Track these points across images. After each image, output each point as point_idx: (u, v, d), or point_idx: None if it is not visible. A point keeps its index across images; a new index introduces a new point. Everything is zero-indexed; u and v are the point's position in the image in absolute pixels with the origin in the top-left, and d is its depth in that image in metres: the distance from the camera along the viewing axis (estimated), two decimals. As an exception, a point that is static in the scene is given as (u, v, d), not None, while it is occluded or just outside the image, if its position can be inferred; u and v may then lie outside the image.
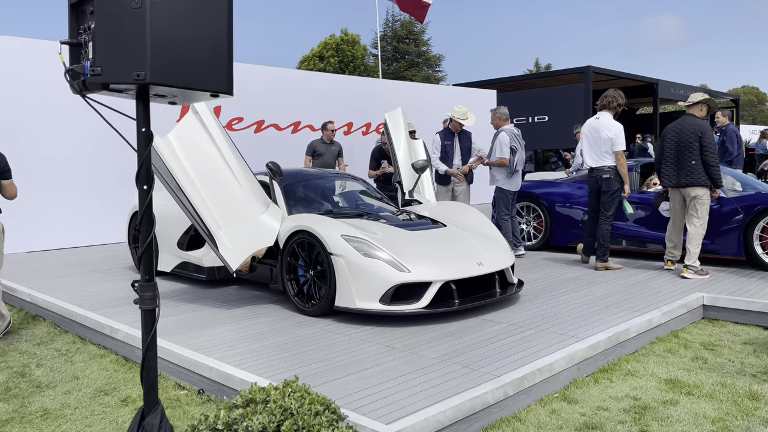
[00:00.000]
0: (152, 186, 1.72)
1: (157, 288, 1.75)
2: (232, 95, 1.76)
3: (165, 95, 1.76)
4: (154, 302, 1.77)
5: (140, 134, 1.71)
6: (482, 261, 4.81)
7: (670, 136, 6.12)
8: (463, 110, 7.71)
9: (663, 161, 6.17)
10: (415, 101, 13.61)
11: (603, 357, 4.03)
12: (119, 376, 4.01)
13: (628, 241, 7.29)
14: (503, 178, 7.32)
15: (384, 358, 3.74)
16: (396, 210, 6.04)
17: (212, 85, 1.66)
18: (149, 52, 1.55)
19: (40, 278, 6.61)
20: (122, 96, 1.77)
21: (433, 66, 44.17)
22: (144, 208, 1.70)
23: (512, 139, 7.28)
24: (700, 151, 5.90)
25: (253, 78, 11.22)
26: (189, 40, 1.61)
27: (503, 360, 3.65)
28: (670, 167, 6.09)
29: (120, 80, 1.60)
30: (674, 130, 6.10)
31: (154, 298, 1.77)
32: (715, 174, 5.88)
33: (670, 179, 6.10)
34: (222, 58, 1.69)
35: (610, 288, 5.60)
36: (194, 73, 1.62)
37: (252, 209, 5.13)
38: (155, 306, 1.77)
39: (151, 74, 1.57)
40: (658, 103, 22.25)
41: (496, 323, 4.48)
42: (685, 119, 6.11)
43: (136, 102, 1.71)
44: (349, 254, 4.53)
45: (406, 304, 4.45)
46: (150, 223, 1.71)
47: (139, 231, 1.69)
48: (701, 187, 5.92)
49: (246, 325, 4.61)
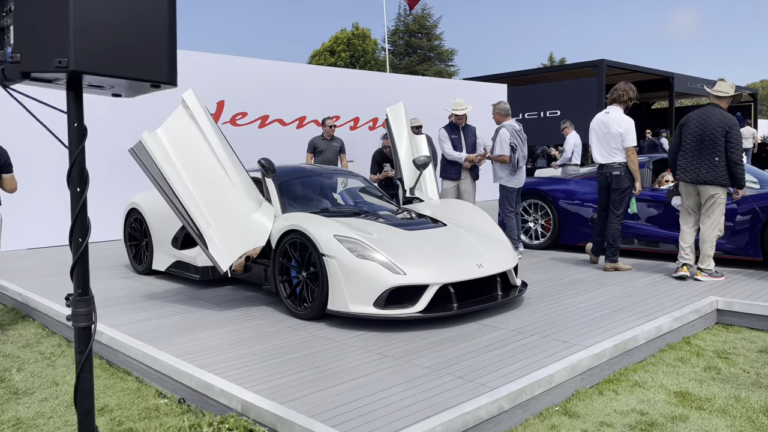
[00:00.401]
0: (86, 188, 1.52)
1: (93, 303, 1.56)
2: (175, 86, 1.56)
3: (102, 86, 1.56)
4: (90, 318, 1.57)
5: (72, 130, 1.51)
6: (483, 262, 4.58)
7: (692, 127, 5.62)
8: (461, 101, 7.50)
9: (680, 153, 5.70)
10: (423, 96, 13.36)
11: (608, 366, 3.79)
12: (99, 383, 3.84)
13: (639, 240, 7.02)
14: (506, 175, 7.12)
15: (374, 367, 3.53)
16: (396, 208, 5.82)
17: (150, 74, 1.46)
18: (73, 36, 1.35)
19: (35, 276, 6.49)
20: (54, 87, 1.58)
21: (445, 60, 43.77)
22: (77, 212, 1.50)
23: (513, 136, 7.05)
24: (725, 147, 5.46)
25: (257, 72, 11.04)
26: (121, 23, 1.41)
27: (501, 370, 3.43)
28: (688, 160, 5.62)
29: (40, 68, 1.40)
30: (697, 120, 5.59)
31: (90, 314, 1.57)
32: (739, 173, 5.45)
33: (686, 173, 5.64)
34: (161, 43, 1.48)
35: (619, 291, 5.34)
36: (129, 61, 1.42)
37: (244, 207, 4.94)
38: (91, 323, 1.58)
39: (76, 61, 1.37)
40: (674, 98, 21.78)
41: (496, 329, 4.25)
42: (710, 110, 5.60)
43: (67, 93, 1.51)
44: (341, 255, 4.32)
45: (401, 309, 4.24)
46: (83, 229, 1.51)
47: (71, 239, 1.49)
48: (720, 187, 5.51)
49: (235, 328, 4.43)
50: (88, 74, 1.42)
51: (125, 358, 4.08)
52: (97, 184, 9.03)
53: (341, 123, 12.35)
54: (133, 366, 4.01)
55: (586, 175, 7.73)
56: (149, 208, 6.31)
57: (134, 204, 6.54)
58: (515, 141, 7.04)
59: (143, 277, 6.37)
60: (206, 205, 4.81)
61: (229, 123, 10.68)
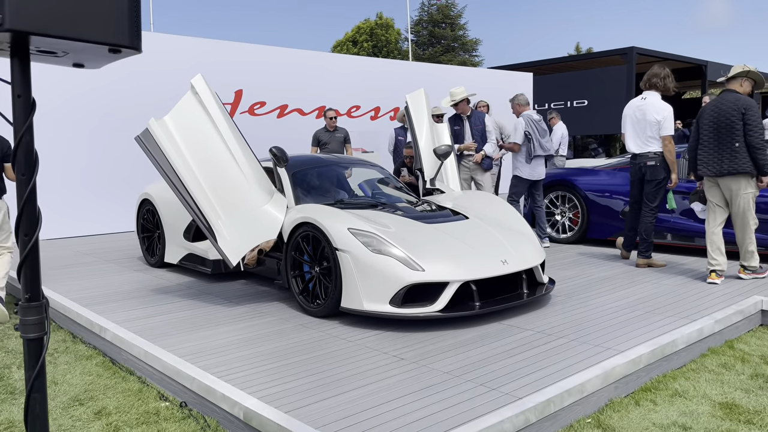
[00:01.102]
0: (34, 173, 1.28)
1: (45, 310, 1.32)
2: (139, 51, 1.30)
3: (54, 51, 1.31)
4: (41, 328, 1.33)
5: (16, 103, 1.26)
6: (507, 258, 4.28)
7: (707, 116, 5.13)
8: (456, 90, 7.26)
9: (700, 147, 5.20)
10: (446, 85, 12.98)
11: (645, 373, 3.47)
12: (100, 383, 3.64)
13: (673, 235, 6.63)
14: (520, 165, 7.00)
15: (389, 372, 3.27)
16: (415, 200, 5.53)
17: (107, 35, 1.21)
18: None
19: (47, 268, 6.36)
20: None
21: (469, 51, 43.09)
22: (23, 202, 1.26)
23: (528, 125, 6.91)
24: (744, 131, 4.94)
25: (276, 61, 10.80)
26: (70, -27, 1.17)
27: (526, 377, 3.14)
28: (708, 153, 5.12)
29: (-31, 27, 1.16)
30: (711, 108, 5.13)
31: (41, 324, 1.33)
32: (761, 159, 4.90)
33: (708, 167, 5.11)
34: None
35: (654, 289, 4.99)
36: (80, 20, 1.17)
37: (255, 198, 4.70)
38: (42, 333, 1.34)
39: (11, 19, 1.12)
40: (707, 87, 21.01)
41: (521, 330, 3.95)
42: (723, 95, 5.12)
43: (11, 60, 1.27)
44: (356, 250, 4.06)
45: (419, 307, 3.96)
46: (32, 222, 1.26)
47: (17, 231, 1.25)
48: (746, 176, 4.97)
49: (245, 326, 4.20)
50: (31, 35, 1.17)
51: (128, 356, 3.89)
52: (119, 173, 9.00)
53: (362, 113, 12.08)
54: (135, 365, 3.81)
55: (617, 165, 7.34)
56: (162, 199, 6.12)
57: (147, 195, 6.36)
58: (530, 130, 6.89)
59: (155, 270, 6.20)
60: (215, 195, 4.59)
61: (248, 112, 10.48)
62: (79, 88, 8.78)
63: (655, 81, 5.71)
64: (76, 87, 8.74)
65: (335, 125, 8.96)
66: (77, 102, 8.79)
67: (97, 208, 8.99)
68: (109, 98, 9.04)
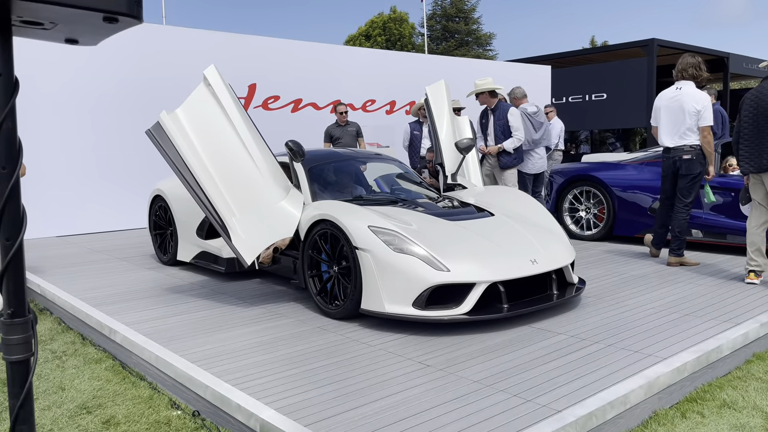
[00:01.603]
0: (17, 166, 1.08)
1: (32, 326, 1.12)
2: (140, 20, 1.10)
3: (41, 23, 1.11)
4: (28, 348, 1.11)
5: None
6: (537, 257, 4.04)
7: (747, 108, 4.78)
8: (485, 80, 7.00)
9: (740, 141, 4.85)
10: (463, 78, 12.72)
11: (689, 382, 3.22)
12: (110, 388, 3.47)
13: (704, 231, 6.35)
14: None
15: (415, 380, 3.05)
16: (436, 196, 5.30)
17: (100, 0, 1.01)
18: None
19: (58, 266, 6.22)
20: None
21: (483, 45, 42.65)
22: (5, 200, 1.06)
23: (522, 118, 7.04)
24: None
25: (290, 54, 10.60)
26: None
27: (563, 387, 2.91)
28: (749, 147, 4.77)
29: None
30: (751, 99, 4.77)
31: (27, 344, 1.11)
32: None
33: (749, 163, 4.77)
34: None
35: (689, 289, 4.73)
36: (67, -19, 0.98)
37: (270, 195, 4.50)
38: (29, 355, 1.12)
39: (-17, -22, 0.94)
40: (728, 79, 20.51)
41: (553, 334, 3.72)
42: (764, 84, 4.76)
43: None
44: (377, 249, 3.84)
45: (444, 310, 3.74)
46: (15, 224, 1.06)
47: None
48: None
49: (260, 328, 4.01)
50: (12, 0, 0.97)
51: (138, 360, 3.71)
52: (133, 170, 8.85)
53: (377, 107, 11.85)
54: (147, 370, 3.63)
55: (644, 159, 7.06)
56: (174, 195, 5.95)
57: (159, 190, 6.20)
58: (522, 123, 7.01)
59: (168, 269, 6.03)
60: (229, 192, 4.40)
61: (261, 107, 10.29)
62: (91, 83, 8.64)
63: (692, 71, 5.42)
64: (87, 81, 8.60)
65: (346, 120, 8.78)
66: (89, 96, 8.65)
67: (111, 204, 8.86)
68: (122, 93, 8.90)
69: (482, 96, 7.07)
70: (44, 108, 8.31)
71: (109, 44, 8.71)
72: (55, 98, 8.40)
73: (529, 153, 7.35)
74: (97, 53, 8.63)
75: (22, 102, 8.05)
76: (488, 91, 6.99)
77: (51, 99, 8.35)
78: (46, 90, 8.28)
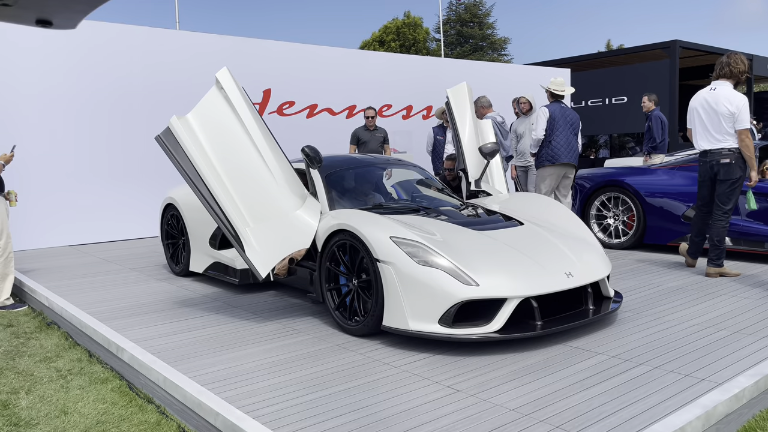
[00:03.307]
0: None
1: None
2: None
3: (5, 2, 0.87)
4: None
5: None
6: (572, 270, 3.75)
7: None
8: (560, 80, 6.79)
9: None
10: (480, 82, 12.45)
11: (747, 410, 2.92)
12: (115, 412, 3.23)
13: (743, 240, 6.00)
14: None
15: (443, 408, 2.78)
16: (460, 203, 5.03)
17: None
18: None
19: (68, 277, 6.04)
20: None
21: (498, 50, 42.33)
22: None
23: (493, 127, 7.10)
24: None
25: (305, 59, 10.40)
26: None
27: (611, 418, 2.62)
28: None
29: None
30: None
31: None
32: None
33: None
34: None
35: (734, 303, 4.41)
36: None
37: (286, 203, 4.26)
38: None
39: None
40: (752, 81, 20.01)
41: (592, 354, 3.43)
42: None
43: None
44: (400, 261, 3.58)
45: (473, 327, 3.47)
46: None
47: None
48: None
49: (275, 346, 3.76)
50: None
51: (146, 381, 3.48)
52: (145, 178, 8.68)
53: (394, 111, 11.61)
54: (154, 392, 3.39)
55: (676, 164, 6.74)
56: (186, 204, 5.74)
57: (171, 199, 5.99)
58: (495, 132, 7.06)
59: (180, 280, 5.81)
60: (243, 200, 4.17)
61: (276, 113, 10.10)
62: (102, 90, 8.49)
63: (727, 69, 5.11)
64: (98, 89, 8.46)
65: (375, 124, 8.58)
66: (100, 104, 8.50)
67: (125, 211, 8.69)
68: (133, 99, 8.74)
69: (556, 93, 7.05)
70: (57, 114, 8.18)
71: (122, 51, 8.59)
72: (64, 103, 8.25)
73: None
74: (110, 60, 8.49)
75: (32, 109, 7.94)
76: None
77: (63, 103, 8.20)
78: (57, 95, 8.14)
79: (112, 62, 8.53)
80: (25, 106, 7.94)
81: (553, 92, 6.83)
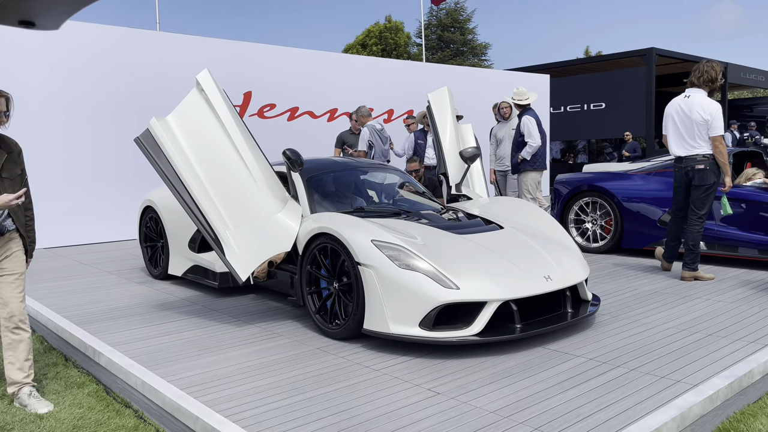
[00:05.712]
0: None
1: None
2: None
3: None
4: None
5: None
6: (551, 274, 3.79)
7: None
8: (521, 90, 6.95)
9: None
10: (461, 86, 12.54)
11: (721, 411, 2.98)
12: (91, 417, 3.19)
13: (717, 244, 6.12)
14: None
15: (424, 411, 2.79)
16: (440, 207, 5.06)
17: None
18: None
19: (44, 280, 5.94)
20: None
21: (479, 55, 42.63)
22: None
23: (371, 134, 7.84)
24: None
25: (286, 62, 10.38)
26: None
27: (589, 419, 2.65)
28: None
29: None
30: None
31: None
32: None
33: None
34: None
35: (708, 306, 4.49)
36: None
37: (267, 206, 4.25)
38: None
39: None
40: (727, 89, 20.44)
41: (570, 357, 3.47)
42: None
43: None
44: (381, 265, 3.59)
45: (453, 330, 3.49)
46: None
47: None
48: None
49: (255, 350, 3.74)
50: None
51: (124, 385, 3.43)
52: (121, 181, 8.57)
53: (375, 115, 11.61)
54: (132, 396, 3.35)
55: (652, 169, 6.85)
56: (165, 206, 5.68)
57: (149, 201, 5.93)
58: (372, 139, 7.83)
59: (158, 283, 5.75)
60: (223, 203, 4.15)
61: (257, 115, 10.06)
62: (81, 89, 8.38)
63: (702, 77, 5.21)
64: (77, 88, 8.34)
65: (360, 128, 8.58)
66: (79, 104, 8.39)
67: (102, 214, 8.57)
68: (114, 100, 8.64)
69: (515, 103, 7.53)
70: (30, 114, 8.04)
71: (99, 51, 8.48)
72: (42, 104, 8.13)
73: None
74: (84, 59, 8.38)
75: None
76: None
77: (37, 105, 8.08)
78: (31, 95, 8.01)
79: (86, 63, 8.42)
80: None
81: (517, 103, 7.28)
